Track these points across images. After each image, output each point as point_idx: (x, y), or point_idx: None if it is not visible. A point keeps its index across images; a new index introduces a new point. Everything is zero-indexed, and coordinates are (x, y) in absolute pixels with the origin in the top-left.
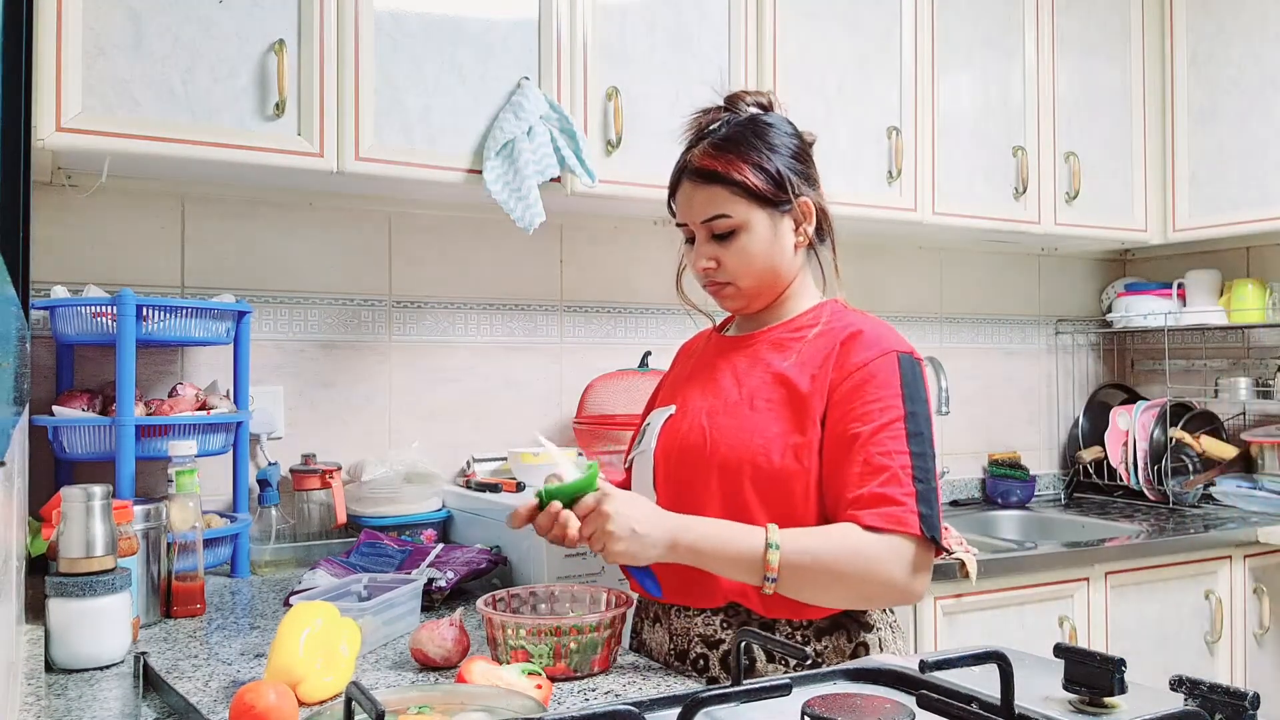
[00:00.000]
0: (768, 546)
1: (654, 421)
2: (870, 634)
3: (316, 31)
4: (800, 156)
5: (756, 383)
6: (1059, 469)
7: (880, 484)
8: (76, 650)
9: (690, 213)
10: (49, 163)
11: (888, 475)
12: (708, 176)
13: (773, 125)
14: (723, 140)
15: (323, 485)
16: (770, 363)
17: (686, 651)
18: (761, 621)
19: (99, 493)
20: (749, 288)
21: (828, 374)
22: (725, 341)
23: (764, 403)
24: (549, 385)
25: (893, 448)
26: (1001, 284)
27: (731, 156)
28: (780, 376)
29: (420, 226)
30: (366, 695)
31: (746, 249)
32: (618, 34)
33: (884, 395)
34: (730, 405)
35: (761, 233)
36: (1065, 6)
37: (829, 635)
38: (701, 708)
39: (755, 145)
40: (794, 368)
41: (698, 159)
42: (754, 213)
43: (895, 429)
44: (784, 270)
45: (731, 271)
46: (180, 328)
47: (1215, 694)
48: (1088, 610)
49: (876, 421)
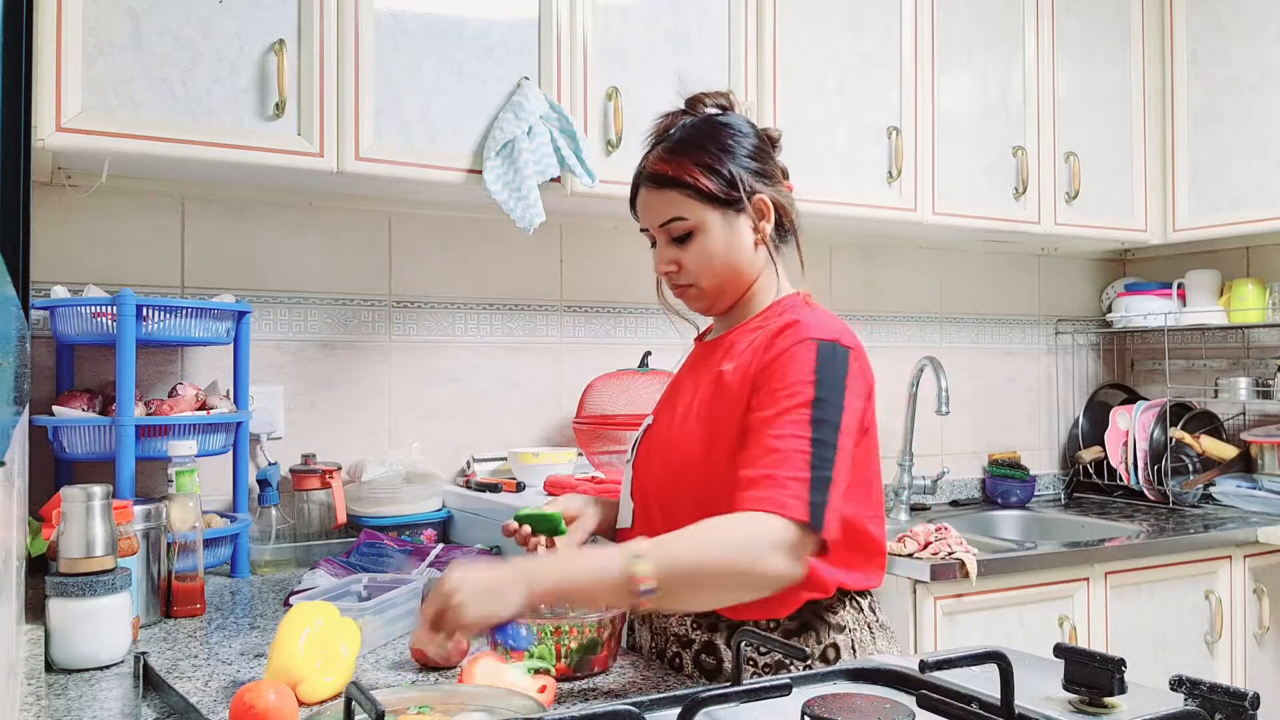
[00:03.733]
0: (633, 557)
1: (637, 434)
2: (841, 635)
3: (316, 31)
4: (757, 155)
5: (704, 389)
6: (1059, 469)
7: (767, 465)
8: (76, 650)
9: (648, 217)
10: (49, 163)
11: (777, 457)
12: (660, 181)
13: (728, 125)
14: (675, 144)
15: (323, 485)
16: (720, 366)
17: (664, 650)
18: (730, 623)
19: (99, 493)
20: (710, 287)
21: (753, 367)
22: (701, 348)
23: (704, 405)
24: (549, 385)
25: (791, 432)
26: (1001, 284)
27: (683, 159)
28: (719, 376)
29: (420, 226)
30: (366, 695)
31: (704, 249)
32: (618, 34)
33: (792, 382)
34: (681, 413)
35: (717, 233)
36: (1065, 6)
37: (797, 637)
38: (701, 708)
39: (706, 147)
40: (732, 368)
41: (651, 164)
42: (708, 213)
43: (798, 414)
44: (744, 269)
45: (692, 273)
46: (180, 328)
47: (1215, 694)
48: (1088, 610)
49: (779, 406)
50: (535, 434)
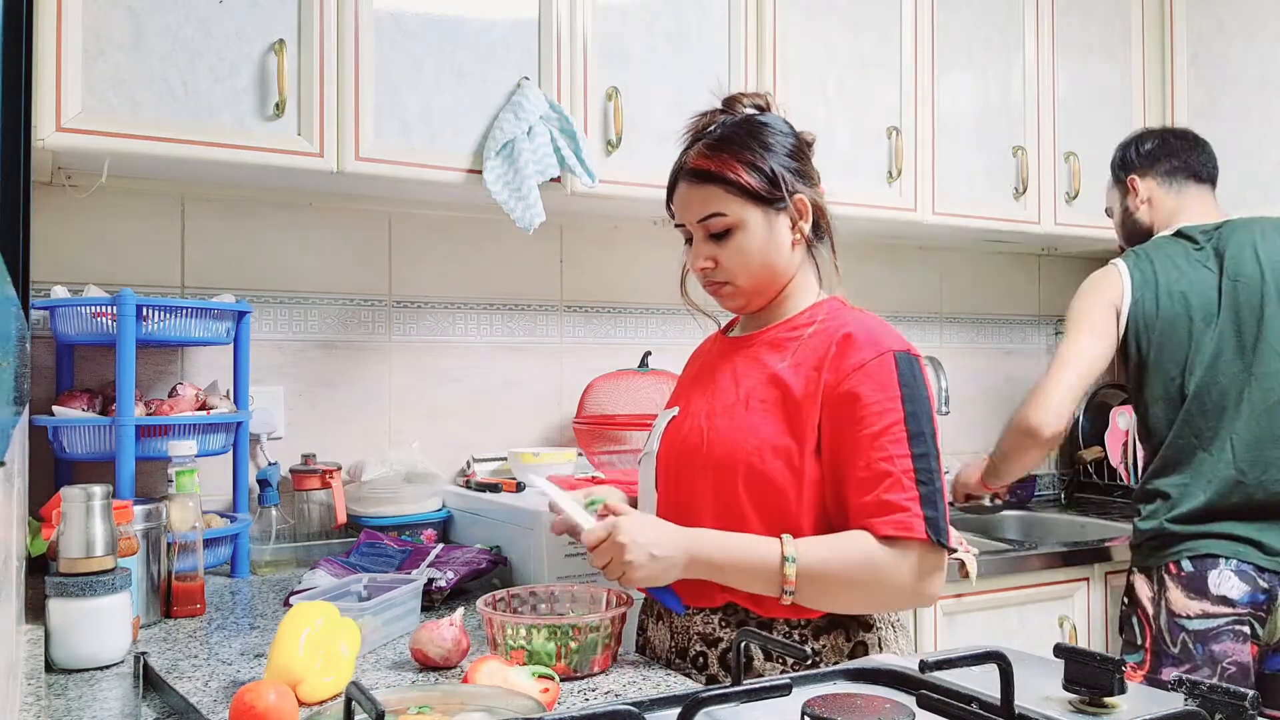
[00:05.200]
0: (784, 560)
1: (659, 423)
2: (870, 633)
3: (316, 31)
4: (796, 155)
5: (753, 383)
6: (1059, 469)
7: (884, 490)
8: (76, 650)
9: (686, 213)
10: (49, 163)
11: (890, 481)
12: (702, 176)
13: (768, 125)
14: (717, 141)
15: (323, 485)
16: (767, 363)
17: (687, 649)
18: (759, 620)
19: (99, 493)
20: (747, 286)
21: (822, 378)
22: (729, 343)
23: (759, 403)
24: (549, 385)
25: (894, 452)
26: (1001, 284)
27: (726, 156)
28: (774, 377)
29: (420, 226)
30: (366, 695)
31: (743, 247)
32: (618, 34)
33: (881, 398)
34: (727, 406)
35: (757, 231)
36: (1065, 6)
37: (827, 634)
38: (701, 708)
39: (749, 144)
40: (789, 369)
41: (693, 159)
42: (749, 211)
43: (895, 432)
44: (781, 268)
45: (729, 270)
46: (180, 328)
47: (1215, 694)
48: (1088, 610)
49: (876, 426)
50: (535, 434)
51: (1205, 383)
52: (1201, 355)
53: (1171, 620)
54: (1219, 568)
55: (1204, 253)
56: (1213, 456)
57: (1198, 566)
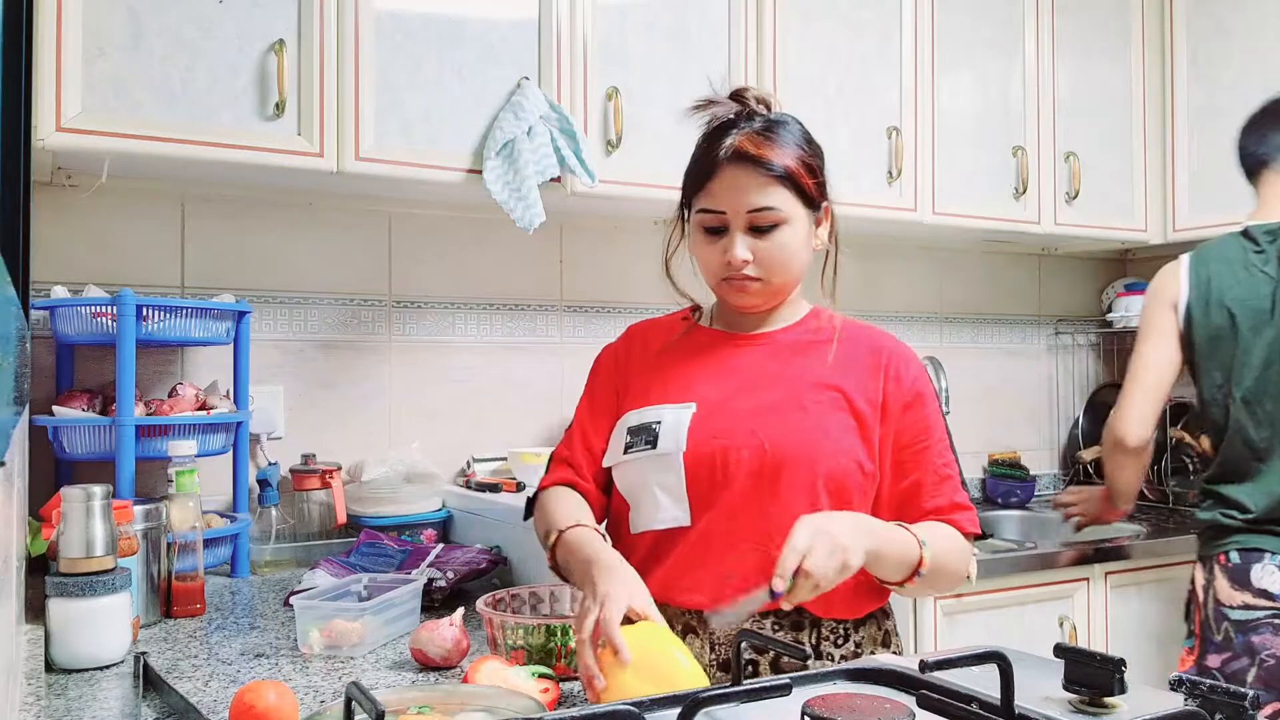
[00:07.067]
0: (920, 544)
1: (664, 420)
2: (889, 621)
3: (316, 31)
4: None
5: (799, 385)
6: (1059, 469)
7: (948, 492)
8: (76, 650)
9: (735, 199)
10: (49, 163)
11: (953, 484)
12: (762, 164)
13: (803, 127)
14: (775, 135)
15: (323, 485)
16: (806, 365)
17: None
18: (812, 619)
19: (99, 493)
20: (778, 284)
21: (880, 387)
22: (722, 336)
23: (815, 405)
24: (549, 385)
25: (949, 458)
26: (1001, 284)
27: (785, 149)
28: (824, 383)
29: (420, 226)
30: (366, 695)
31: (786, 245)
32: (618, 34)
33: (932, 409)
34: (772, 405)
35: (800, 231)
36: (1065, 6)
37: (865, 626)
38: (701, 708)
39: (804, 146)
40: (840, 376)
41: (749, 145)
42: (798, 209)
43: (944, 440)
44: (802, 271)
45: (766, 266)
46: (180, 328)
47: (1215, 694)
48: (1088, 610)
49: (934, 436)
50: (535, 434)
51: (1256, 392)
52: (1250, 363)
53: (1217, 609)
54: (1264, 562)
55: (1263, 256)
56: (1268, 468)
57: (1244, 559)
